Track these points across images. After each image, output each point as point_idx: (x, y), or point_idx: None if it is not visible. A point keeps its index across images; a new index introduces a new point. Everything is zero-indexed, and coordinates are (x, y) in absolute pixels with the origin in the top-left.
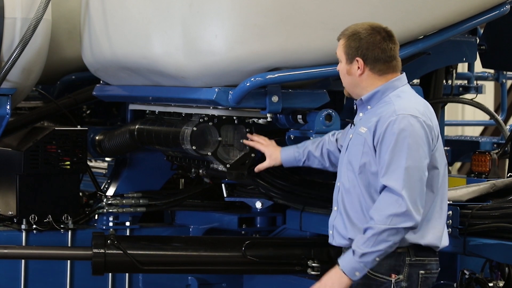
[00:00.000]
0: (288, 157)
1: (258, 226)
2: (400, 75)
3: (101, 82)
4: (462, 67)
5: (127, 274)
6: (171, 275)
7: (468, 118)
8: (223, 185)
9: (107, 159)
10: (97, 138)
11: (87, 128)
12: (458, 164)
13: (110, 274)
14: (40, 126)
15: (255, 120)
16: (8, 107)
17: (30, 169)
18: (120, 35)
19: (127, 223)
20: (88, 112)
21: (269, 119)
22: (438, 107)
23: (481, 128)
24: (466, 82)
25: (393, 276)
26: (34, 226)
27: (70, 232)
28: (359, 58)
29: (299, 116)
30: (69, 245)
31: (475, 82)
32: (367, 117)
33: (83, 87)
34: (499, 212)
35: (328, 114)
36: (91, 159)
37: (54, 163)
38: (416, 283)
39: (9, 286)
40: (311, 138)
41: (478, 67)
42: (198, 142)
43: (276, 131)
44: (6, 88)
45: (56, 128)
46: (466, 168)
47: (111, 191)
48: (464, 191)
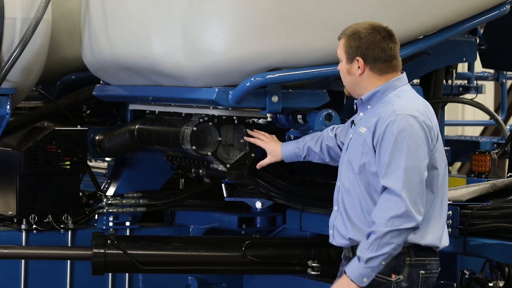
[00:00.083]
0: (289, 153)
1: (258, 226)
2: (401, 74)
3: (101, 82)
4: (462, 67)
5: (127, 274)
6: (171, 275)
7: (468, 118)
8: (223, 185)
9: (107, 159)
10: (97, 138)
11: (87, 128)
12: (458, 164)
13: (110, 274)
14: (40, 126)
15: (255, 120)
16: (8, 107)
17: (30, 169)
18: (120, 35)
19: (127, 223)
20: (88, 112)
21: (269, 119)
22: (438, 107)
23: (481, 128)
24: (466, 82)
25: (393, 276)
26: (34, 226)
27: (70, 232)
28: (359, 57)
29: (299, 116)
30: (69, 245)
31: (475, 82)
32: (367, 117)
33: (83, 87)
34: (499, 212)
35: (328, 114)
36: (91, 159)
37: (54, 163)
38: (416, 283)
39: (9, 286)
40: None
41: (478, 67)
42: (198, 142)
43: (276, 131)
44: (6, 88)
45: (56, 128)
46: (466, 168)
47: (111, 191)
48: (464, 191)
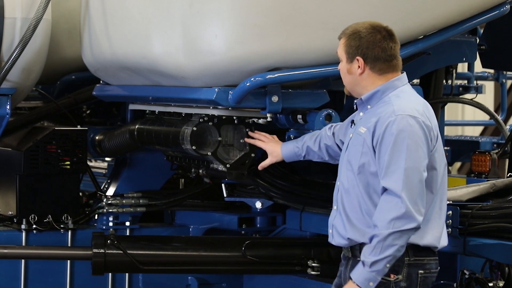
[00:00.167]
0: (289, 152)
1: (258, 226)
2: (401, 74)
3: (101, 82)
4: (462, 67)
5: (127, 274)
6: (171, 275)
7: (468, 118)
8: (223, 185)
9: (107, 159)
10: (97, 138)
11: (87, 128)
12: (458, 164)
13: (110, 274)
14: (40, 126)
15: (255, 120)
16: (8, 107)
17: (30, 169)
18: (120, 35)
19: (127, 223)
20: (88, 112)
21: (269, 119)
22: (438, 107)
23: (481, 128)
24: (466, 82)
25: (392, 276)
26: (34, 226)
27: (70, 232)
28: (359, 57)
29: (299, 116)
30: (69, 245)
31: (475, 82)
32: (367, 117)
33: (83, 87)
34: (499, 212)
35: (328, 114)
36: (91, 159)
37: (54, 163)
38: (415, 283)
39: (9, 286)
40: None
41: (478, 67)
42: (198, 142)
43: (276, 131)
44: (6, 88)
45: (56, 128)
46: (466, 168)
47: (111, 191)
48: (464, 191)
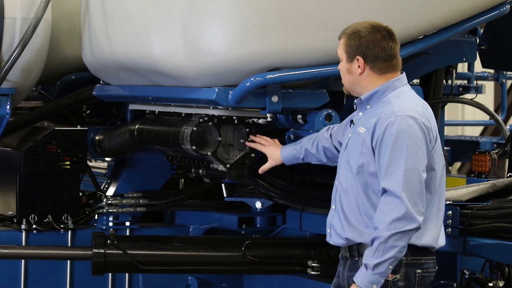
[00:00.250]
0: (288, 155)
1: (258, 226)
2: (400, 75)
3: (101, 82)
4: (462, 67)
5: (127, 274)
6: (171, 275)
7: (468, 118)
8: (223, 185)
9: (107, 159)
10: (97, 138)
11: (87, 128)
12: (458, 164)
13: (110, 274)
14: (40, 126)
15: (255, 120)
16: (8, 107)
17: (30, 169)
18: (120, 35)
19: (127, 223)
20: (88, 112)
21: (269, 119)
22: (438, 107)
23: (481, 128)
24: (466, 82)
25: (390, 276)
26: (34, 226)
27: (70, 232)
28: (359, 56)
29: (299, 116)
30: (69, 245)
31: (475, 82)
32: (366, 117)
33: (83, 87)
34: (499, 212)
35: (328, 114)
36: (91, 159)
37: (54, 163)
38: (413, 282)
39: (9, 286)
40: None
41: (478, 67)
42: (198, 142)
43: (276, 131)
44: (6, 88)
45: (56, 128)
46: (466, 168)
47: (111, 191)
48: (464, 191)
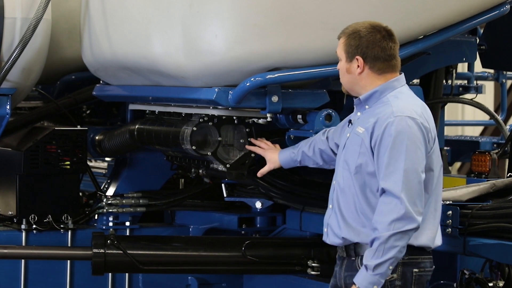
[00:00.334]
0: (286, 159)
1: (258, 226)
2: (399, 75)
3: (101, 82)
4: (462, 67)
5: (127, 274)
6: (171, 275)
7: (468, 118)
8: (223, 185)
9: (107, 159)
10: (97, 138)
11: (87, 128)
12: (458, 164)
13: (110, 274)
14: (40, 126)
15: (255, 120)
16: (8, 107)
17: (30, 169)
18: (120, 35)
19: (127, 223)
20: (88, 112)
21: (269, 119)
22: (438, 107)
23: (481, 128)
24: (466, 82)
25: None
26: (34, 226)
27: (70, 232)
28: (359, 56)
29: (299, 116)
30: (69, 245)
31: (475, 82)
32: (365, 117)
33: (83, 87)
34: (499, 212)
35: (328, 114)
36: (91, 159)
37: (54, 163)
38: (410, 281)
39: (9, 286)
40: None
41: (478, 67)
42: (198, 142)
43: (276, 131)
44: (6, 88)
45: (56, 128)
46: (466, 168)
47: (111, 191)
48: (464, 191)
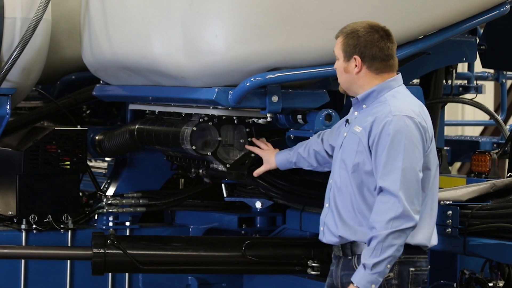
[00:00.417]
0: (282, 160)
1: (258, 226)
2: (396, 75)
3: (101, 82)
4: (462, 67)
5: (127, 274)
6: (171, 275)
7: (468, 118)
8: (223, 185)
9: (107, 159)
10: (97, 138)
11: (87, 128)
12: (458, 164)
13: (110, 274)
14: (40, 126)
15: (255, 120)
16: (8, 107)
17: (30, 169)
18: (120, 35)
19: (127, 223)
20: (88, 112)
21: (269, 119)
22: (438, 107)
23: (481, 128)
24: (466, 82)
25: None
26: (34, 226)
27: (70, 232)
28: (356, 56)
29: (299, 116)
30: (69, 245)
31: (475, 82)
32: (362, 116)
33: (83, 87)
34: (499, 212)
35: (328, 114)
36: (91, 159)
37: (54, 163)
38: (406, 280)
39: (9, 286)
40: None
41: (478, 67)
42: (198, 142)
43: (276, 131)
44: (6, 88)
45: (56, 128)
46: (466, 168)
47: (111, 191)
48: (464, 191)
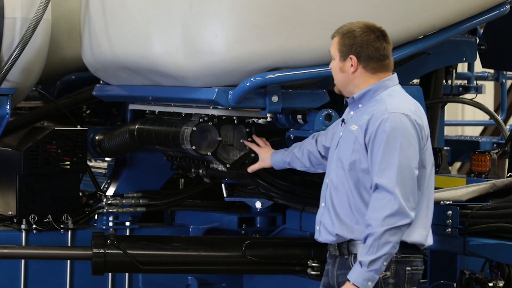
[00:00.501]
0: (276, 160)
1: (258, 226)
2: (392, 75)
3: (101, 82)
4: (462, 67)
5: (127, 274)
6: (171, 275)
7: (468, 118)
8: (223, 185)
9: (107, 159)
10: (97, 138)
11: (87, 128)
12: (458, 164)
13: (110, 274)
14: (40, 126)
15: (255, 120)
16: (8, 107)
17: (30, 169)
18: (120, 35)
19: (127, 223)
20: (88, 112)
21: (269, 119)
22: (438, 107)
23: (481, 128)
24: (466, 82)
25: None
26: (34, 226)
27: (70, 232)
28: (352, 55)
29: (299, 116)
30: (69, 245)
31: (475, 82)
32: (358, 115)
33: (83, 87)
34: (499, 212)
35: (328, 114)
36: (91, 159)
37: (54, 163)
38: (403, 279)
39: (9, 286)
40: None
41: (478, 67)
42: (198, 142)
43: (276, 131)
44: (6, 88)
45: (56, 128)
46: (466, 168)
47: (111, 191)
48: (464, 191)
